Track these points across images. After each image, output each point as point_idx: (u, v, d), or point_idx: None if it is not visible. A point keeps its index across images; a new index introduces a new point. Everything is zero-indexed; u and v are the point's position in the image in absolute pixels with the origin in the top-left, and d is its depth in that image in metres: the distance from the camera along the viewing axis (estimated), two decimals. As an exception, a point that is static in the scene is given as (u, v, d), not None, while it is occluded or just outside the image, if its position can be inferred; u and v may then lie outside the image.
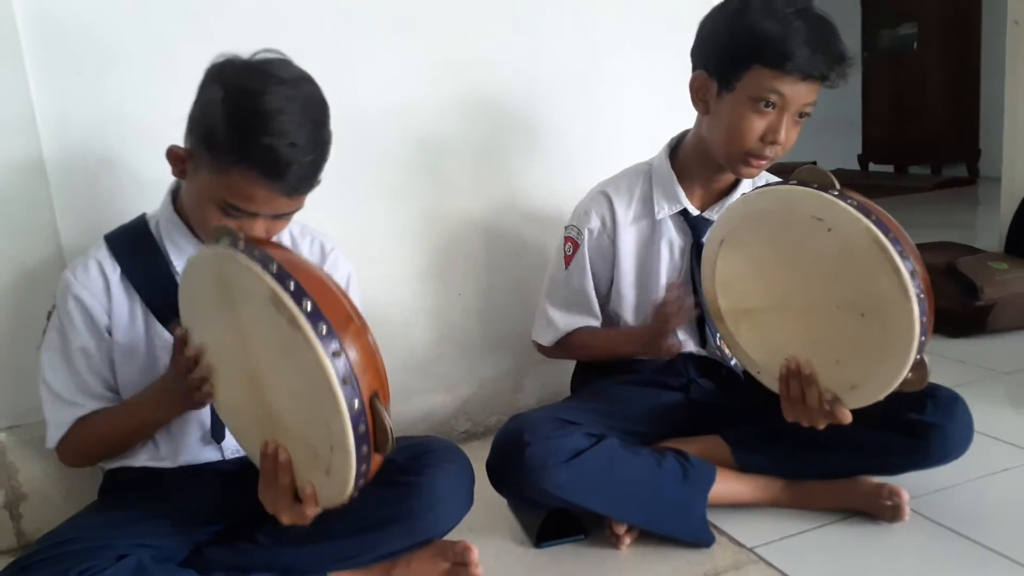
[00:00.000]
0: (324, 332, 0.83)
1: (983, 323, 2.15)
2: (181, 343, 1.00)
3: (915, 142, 5.45)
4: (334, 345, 0.83)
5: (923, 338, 1.01)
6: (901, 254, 0.98)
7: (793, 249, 1.09)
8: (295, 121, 0.98)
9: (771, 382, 1.17)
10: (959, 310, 2.16)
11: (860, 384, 1.08)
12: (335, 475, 0.88)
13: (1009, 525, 1.24)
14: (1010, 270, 2.22)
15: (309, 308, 0.84)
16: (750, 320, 1.18)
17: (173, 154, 1.06)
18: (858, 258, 1.00)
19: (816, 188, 1.04)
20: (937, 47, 5.24)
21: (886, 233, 0.98)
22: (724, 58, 1.22)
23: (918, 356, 1.02)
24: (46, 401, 1.15)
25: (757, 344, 1.19)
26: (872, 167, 5.94)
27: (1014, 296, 2.16)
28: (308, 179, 1.03)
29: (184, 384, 1.00)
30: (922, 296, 0.99)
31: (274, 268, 0.85)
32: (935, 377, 1.27)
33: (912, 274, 0.98)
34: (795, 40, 1.16)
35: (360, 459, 0.86)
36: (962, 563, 1.15)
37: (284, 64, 1.03)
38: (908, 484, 1.26)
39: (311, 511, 0.95)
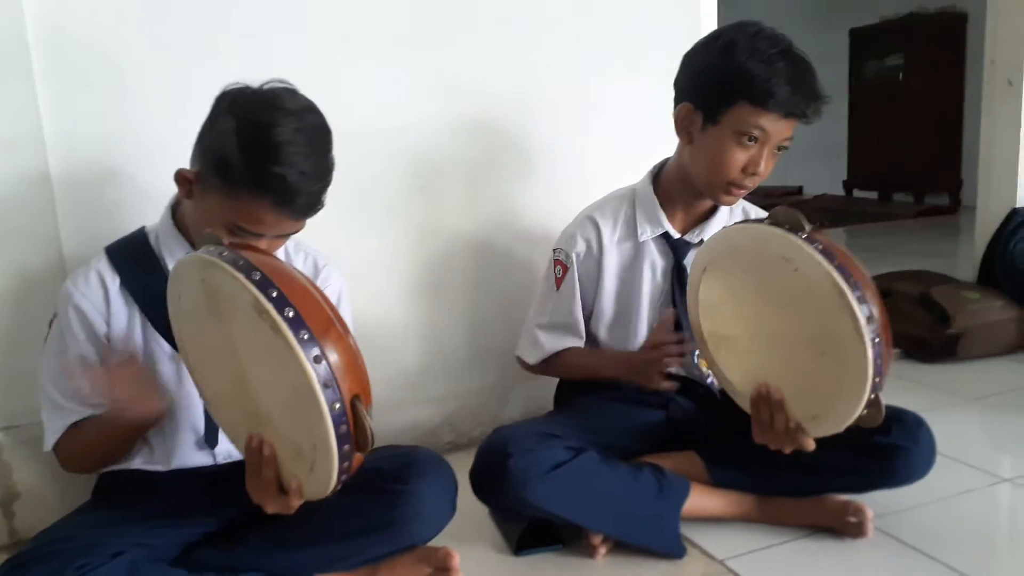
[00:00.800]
0: (305, 338, 0.87)
1: (954, 351, 2.22)
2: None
3: (899, 170, 5.56)
4: (315, 351, 0.87)
5: (877, 379, 1.05)
6: (859, 299, 1.02)
7: (766, 283, 1.14)
8: (303, 152, 1.05)
9: (745, 403, 1.23)
10: (931, 337, 2.23)
11: (821, 415, 1.14)
12: (318, 471, 0.93)
13: (969, 545, 1.29)
14: (981, 300, 2.29)
15: (291, 315, 0.87)
16: (728, 345, 1.24)
17: (181, 177, 1.11)
18: (820, 300, 1.05)
19: (787, 229, 1.08)
20: (922, 78, 5.35)
21: (847, 278, 1.02)
22: (711, 93, 1.28)
23: (872, 396, 1.07)
24: (44, 406, 1.19)
25: (734, 367, 1.24)
26: (857, 193, 6.04)
27: (984, 325, 2.23)
28: (315, 204, 1.09)
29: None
30: (877, 340, 1.03)
31: (257, 276, 0.89)
32: (908, 401, 1.35)
33: (869, 319, 1.02)
34: (778, 80, 1.22)
35: (342, 457, 0.90)
36: (921, 579, 1.20)
37: (292, 95, 1.09)
38: (873, 503, 1.32)
39: (296, 503, 0.99)
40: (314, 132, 1.08)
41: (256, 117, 1.04)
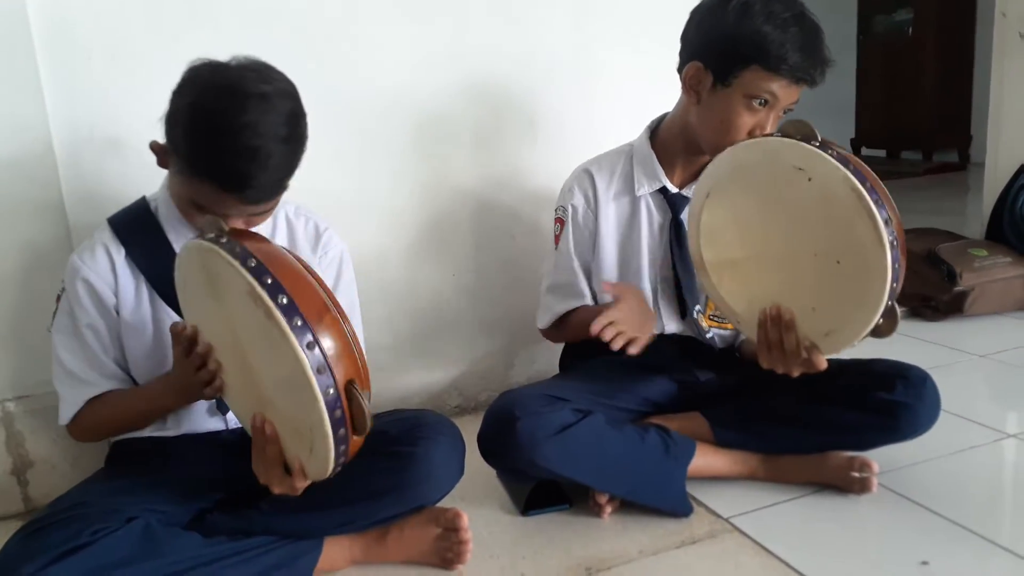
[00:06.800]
0: (299, 324, 0.89)
1: (961, 308, 2.22)
2: (188, 342, 1.04)
3: (908, 127, 5.48)
4: (308, 337, 0.89)
5: (895, 284, 1.04)
6: (876, 202, 1.02)
7: (775, 199, 1.13)
8: (256, 140, 0.99)
9: (751, 332, 1.21)
10: (938, 295, 2.23)
11: (835, 330, 1.12)
12: (317, 453, 0.95)
13: (974, 500, 1.30)
14: (989, 256, 2.28)
15: (284, 302, 0.89)
16: (732, 271, 1.22)
17: (154, 147, 1.10)
18: (836, 205, 1.04)
19: (799, 139, 1.08)
20: (932, 33, 5.25)
21: (863, 182, 1.03)
22: (723, 55, 1.26)
23: (889, 302, 1.05)
24: (60, 380, 1.20)
25: (738, 295, 1.23)
26: (865, 151, 5.97)
27: (992, 282, 2.23)
28: (270, 192, 1.06)
29: (194, 379, 1.06)
30: (895, 243, 1.02)
31: (252, 263, 0.91)
32: (914, 358, 1.35)
33: (886, 222, 1.02)
34: (792, 45, 1.21)
35: (338, 440, 0.93)
36: (925, 534, 1.21)
37: (257, 76, 1.03)
38: (878, 459, 1.32)
39: (300, 484, 1.02)
40: (275, 118, 1.01)
41: (207, 101, 1.00)
